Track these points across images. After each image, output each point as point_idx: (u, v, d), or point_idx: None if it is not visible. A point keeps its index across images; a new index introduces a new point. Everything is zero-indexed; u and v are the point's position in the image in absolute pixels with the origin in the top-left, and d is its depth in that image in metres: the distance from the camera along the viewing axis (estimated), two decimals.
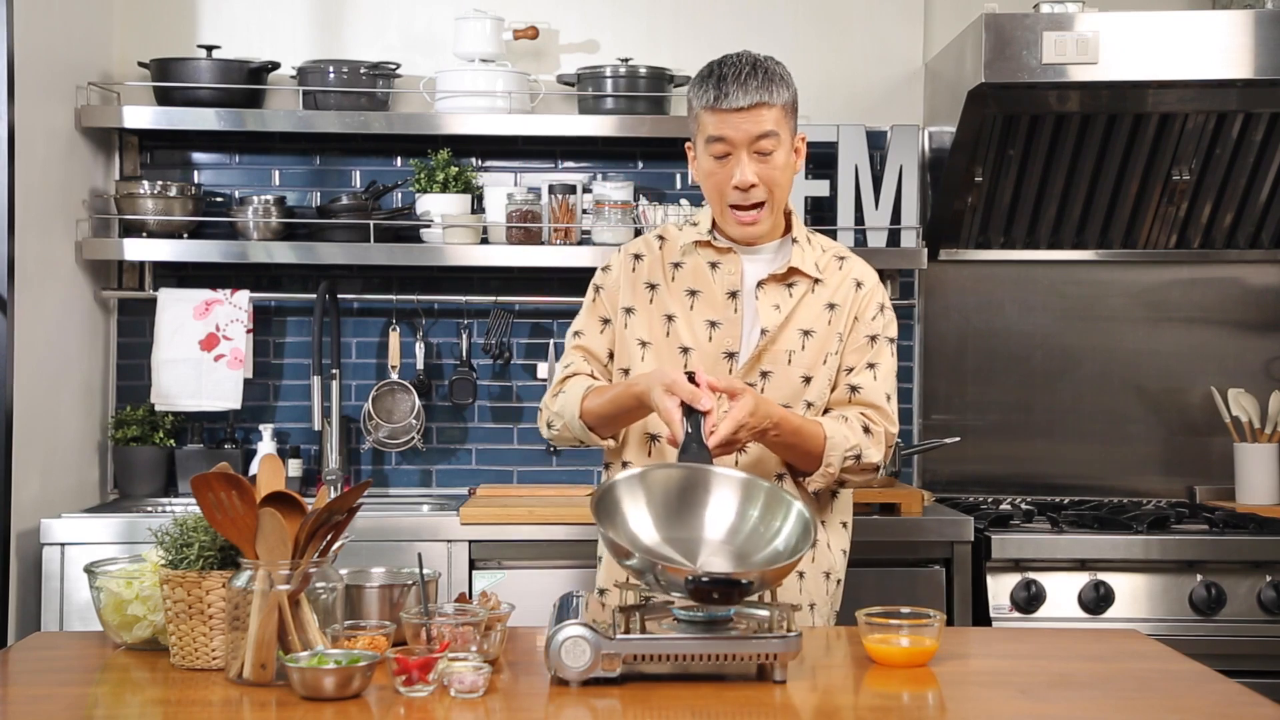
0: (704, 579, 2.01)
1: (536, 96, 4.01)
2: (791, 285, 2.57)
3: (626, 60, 3.92)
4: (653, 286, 2.60)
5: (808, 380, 2.55)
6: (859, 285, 2.61)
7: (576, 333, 2.66)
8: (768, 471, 2.53)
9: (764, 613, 2.15)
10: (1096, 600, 3.39)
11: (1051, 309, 4.15)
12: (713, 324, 2.55)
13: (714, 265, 2.58)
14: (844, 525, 2.66)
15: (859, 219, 3.92)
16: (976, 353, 4.15)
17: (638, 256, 2.64)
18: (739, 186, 2.48)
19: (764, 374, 2.53)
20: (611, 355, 2.63)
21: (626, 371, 2.60)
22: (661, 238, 2.66)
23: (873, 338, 2.59)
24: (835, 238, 3.92)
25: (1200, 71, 3.50)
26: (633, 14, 4.11)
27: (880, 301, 2.62)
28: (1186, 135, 3.81)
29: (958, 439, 3.97)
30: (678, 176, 4.07)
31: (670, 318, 2.57)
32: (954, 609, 3.44)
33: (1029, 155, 3.85)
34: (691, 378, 2.34)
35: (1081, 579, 3.42)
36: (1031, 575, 3.42)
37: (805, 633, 2.19)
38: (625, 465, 2.58)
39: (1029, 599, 3.39)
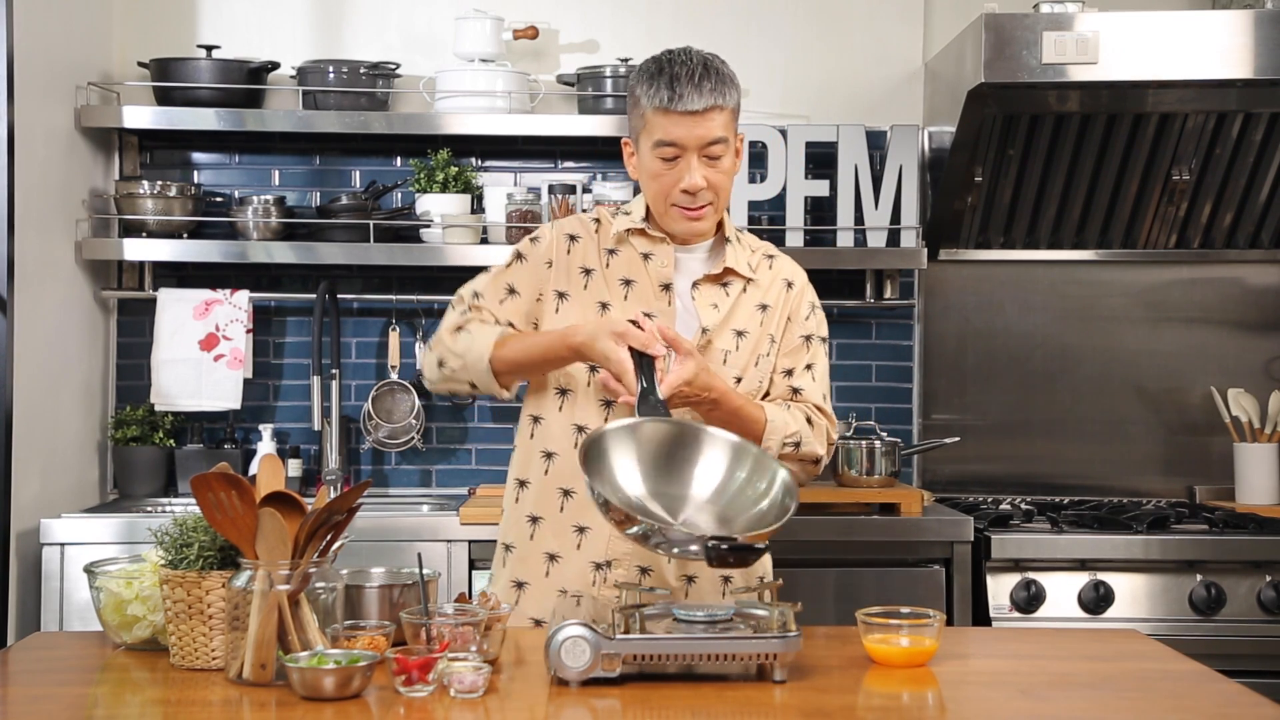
0: (722, 545, 2.02)
1: (536, 96, 4.01)
2: (727, 285, 2.54)
3: (626, 60, 3.92)
4: (588, 272, 2.52)
5: (738, 380, 2.51)
6: (789, 285, 2.58)
7: (476, 294, 2.53)
8: None
9: (764, 612, 2.15)
10: (1096, 600, 3.39)
11: (1051, 309, 4.15)
12: (647, 316, 2.47)
13: (646, 256, 2.52)
14: None
15: (859, 219, 3.92)
16: (976, 353, 4.15)
17: (573, 238, 2.54)
18: (688, 190, 2.43)
19: None
20: (511, 326, 2.51)
21: None
22: (597, 220, 2.58)
23: (807, 338, 2.57)
24: (835, 238, 3.93)
25: (1200, 71, 3.50)
26: (633, 14, 4.11)
27: (811, 301, 2.60)
28: (1186, 135, 3.81)
29: (958, 439, 3.97)
30: None
31: (604, 305, 2.50)
32: (954, 609, 3.44)
33: (1029, 155, 3.85)
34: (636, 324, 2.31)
35: (1081, 579, 3.42)
36: (1031, 575, 3.42)
37: (805, 633, 2.19)
38: (581, 431, 2.48)
39: (1029, 599, 3.39)
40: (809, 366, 2.56)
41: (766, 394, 2.56)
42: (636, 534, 2.10)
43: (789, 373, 2.55)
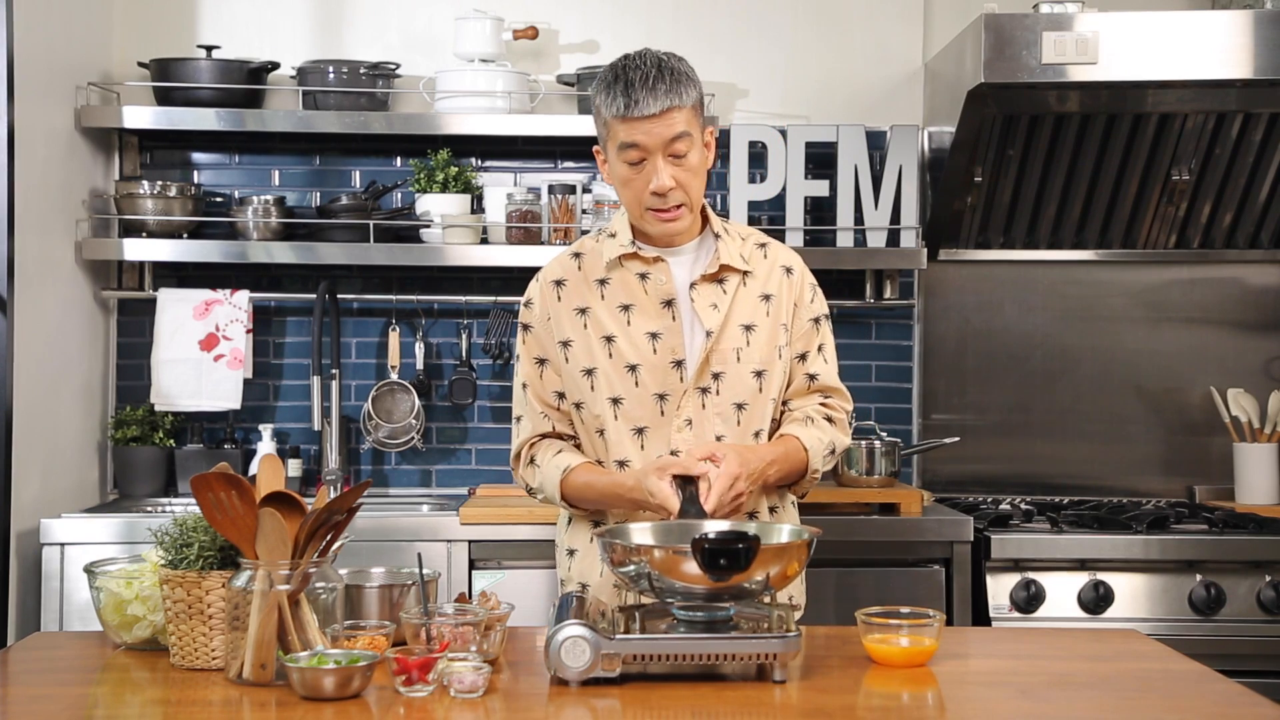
0: (709, 536, 2.04)
1: (536, 96, 4.01)
2: (723, 282, 2.54)
3: None
4: (583, 310, 2.54)
5: (759, 374, 2.52)
6: (789, 271, 2.61)
7: (524, 384, 2.61)
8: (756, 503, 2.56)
9: (764, 612, 2.15)
10: (1096, 600, 3.39)
11: (1051, 309, 4.15)
12: (653, 335, 2.50)
13: (643, 276, 2.53)
14: (794, 504, 2.68)
15: (859, 219, 3.92)
16: (976, 353, 4.15)
17: (559, 283, 2.58)
18: (657, 191, 2.44)
19: (715, 375, 2.51)
20: (561, 395, 2.57)
21: (579, 406, 2.55)
22: (578, 254, 2.60)
23: (815, 320, 2.61)
24: (835, 238, 3.93)
25: (1200, 71, 3.50)
26: (633, 14, 4.11)
27: (811, 283, 2.64)
28: (1186, 135, 3.81)
29: (957, 439, 3.97)
30: None
31: (609, 339, 2.51)
32: (954, 609, 3.44)
33: (1029, 155, 3.85)
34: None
35: (1081, 579, 3.42)
36: (1031, 575, 3.42)
37: (805, 633, 2.19)
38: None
39: (1029, 599, 3.39)
40: (820, 348, 2.61)
41: (791, 379, 2.59)
42: (630, 574, 2.11)
43: (803, 357, 2.59)
